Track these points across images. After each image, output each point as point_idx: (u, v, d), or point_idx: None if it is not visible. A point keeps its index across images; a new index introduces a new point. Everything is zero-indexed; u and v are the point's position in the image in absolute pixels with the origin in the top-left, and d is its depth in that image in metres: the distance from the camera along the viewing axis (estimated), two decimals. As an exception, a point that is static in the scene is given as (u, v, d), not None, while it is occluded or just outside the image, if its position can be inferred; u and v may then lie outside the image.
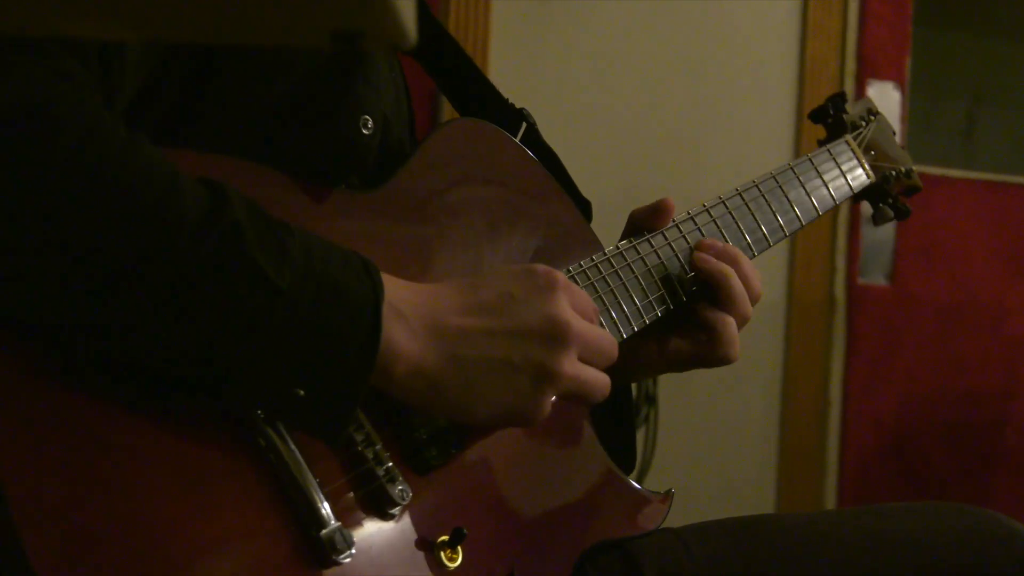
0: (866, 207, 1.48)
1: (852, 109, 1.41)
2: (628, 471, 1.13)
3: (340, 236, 0.88)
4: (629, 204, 1.17)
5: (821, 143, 1.38)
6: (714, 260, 1.13)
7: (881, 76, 2.95)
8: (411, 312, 0.88)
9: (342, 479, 0.89)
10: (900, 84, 2.97)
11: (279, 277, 0.80)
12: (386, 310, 0.85)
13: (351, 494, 0.89)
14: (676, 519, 1.14)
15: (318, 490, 0.85)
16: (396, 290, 0.88)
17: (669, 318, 1.14)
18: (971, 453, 3.08)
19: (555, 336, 0.91)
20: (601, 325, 1.05)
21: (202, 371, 0.81)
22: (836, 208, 1.39)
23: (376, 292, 0.85)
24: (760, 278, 1.15)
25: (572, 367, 0.92)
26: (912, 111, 3.01)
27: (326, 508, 0.85)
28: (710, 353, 1.15)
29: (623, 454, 1.15)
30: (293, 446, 0.85)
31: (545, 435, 1.03)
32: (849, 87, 2.93)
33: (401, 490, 0.91)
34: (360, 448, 0.90)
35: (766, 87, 2.89)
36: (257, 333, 0.80)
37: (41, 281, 0.76)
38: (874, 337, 3.01)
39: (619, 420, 1.18)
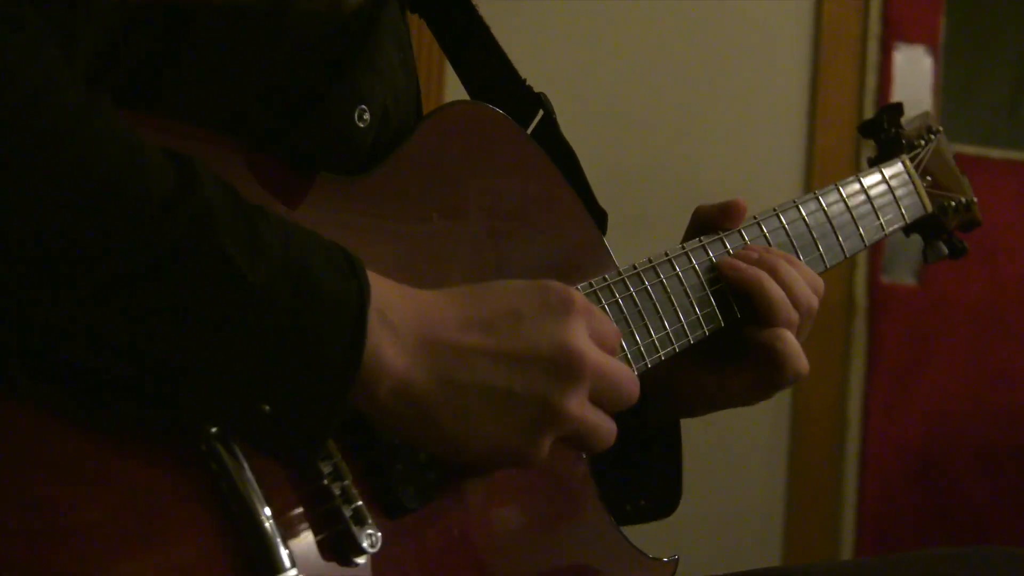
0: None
1: (908, 124, 1.40)
2: (668, 511, 1.17)
3: (317, 226, 0.85)
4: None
5: (872, 162, 1.37)
6: (743, 266, 1.13)
7: (910, 39, 2.85)
8: (401, 321, 0.85)
9: (302, 517, 0.86)
10: (933, 49, 2.87)
11: (251, 271, 0.77)
12: (373, 317, 0.82)
13: (311, 536, 0.86)
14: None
15: (275, 529, 0.82)
16: (385, 294, 0.85)
17: (724, 346, 1.14)
18: (1015, 483, 2.98)
19: (566, 367, 0.88)
20: (624, 354, 1.05)
21: (154, 375, 0.78)
22: (880, 225, 1.33)
23: (362, 294, 0.81)
24: (822, 286, 1.16)
25: (580, 407, 0.89)
26: (947, 81, 2.91)
27: (283, 550, 0.82)
28: (777, 375, 1.13)
29: (666, 492, 1.17)
30: (250, 474, 0.82)
31: (542, 484, 1.02)
32: (873, 52, 2.84)
33: (370, 535, 0.87)
34: (327, 482, 0.87)
35: (774, 54, 2.80)
36: (221, 334, 0.77)
37: None
38: (900, 345, 2.91)
39: (667, 456, 1.19)
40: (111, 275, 0.74)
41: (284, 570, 0.82)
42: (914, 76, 2.79)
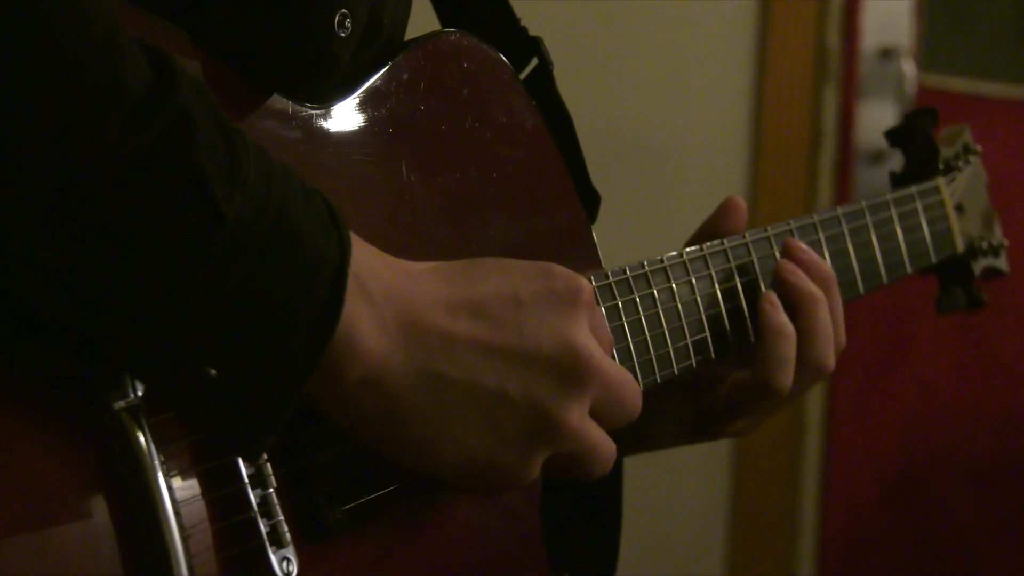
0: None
1: (943, 138, 1.37)
2: None
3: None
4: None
5: (898, 180, 1.34)
6: (804, 276, 1.08)
7: (885, -50, 2.71)
8: (382, 294, 0.80)
9: (211, 526, 0.80)
10: (914, -41, 2.74)
11: (226, 201, 0.72)
12: (351, 283, 0.77)
13: (217, 550, 0.81)
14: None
15: (179, 536, 0.76)
16: (365, 258, 0.79)
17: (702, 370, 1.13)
18: (1011, 502, 2.86)
19: (571, 371, 0.84)
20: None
21: (86, 311, 0.73)
22: (903, 262, 1.27)
23: (343, 251, 0.77)
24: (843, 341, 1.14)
25: (581, 420, 0.85)
26: (932, 2, 2.76)
27: (184, 563, 0.77)
28: (747, 412, 1.12)
29: (599, 560, 1.13)
30: (157, 463, 0.77)
31: (488, 535, 0.98)
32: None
33: (285, 560, 0.83)
34: (247, 486, 0.81)
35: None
36: (176, 271, 0.72)
37: None
38: (873, 332, 2.78)
39: (608, 525, 1.13)
40: (61, 178, 0.68)
41: None
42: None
